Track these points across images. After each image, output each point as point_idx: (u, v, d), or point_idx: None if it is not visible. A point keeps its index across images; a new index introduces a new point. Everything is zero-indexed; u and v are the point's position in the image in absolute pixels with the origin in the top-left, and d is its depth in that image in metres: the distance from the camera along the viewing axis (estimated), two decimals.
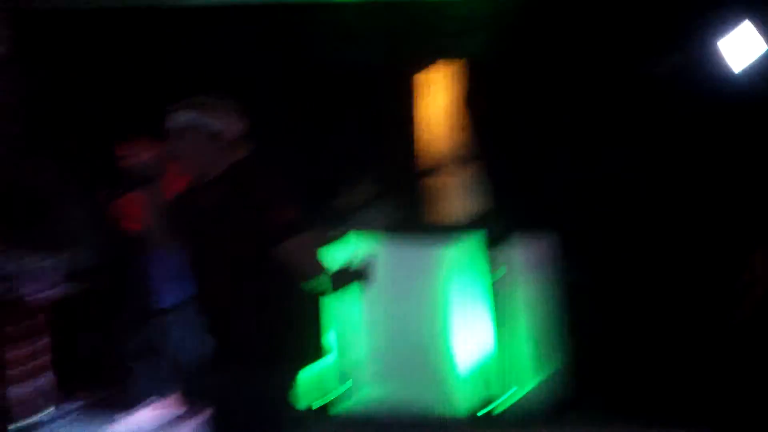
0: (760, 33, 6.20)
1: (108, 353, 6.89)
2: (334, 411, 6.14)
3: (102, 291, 6.46)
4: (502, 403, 6.08)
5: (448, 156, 7.04)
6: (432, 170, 7.02)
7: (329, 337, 6.20)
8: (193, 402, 5.78)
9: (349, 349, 6.18)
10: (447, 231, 6.46)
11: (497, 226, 6.27)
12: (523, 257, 6.28)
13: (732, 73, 6.28)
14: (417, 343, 6.14)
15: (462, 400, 6.06)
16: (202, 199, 3.47)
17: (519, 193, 6.75)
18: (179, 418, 5.76)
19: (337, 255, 6.00)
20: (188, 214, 3.50)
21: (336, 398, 6.15)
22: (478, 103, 7.07)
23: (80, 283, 5.96)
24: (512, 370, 6.13)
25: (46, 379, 5.52)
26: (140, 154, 3.51)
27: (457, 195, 6.97)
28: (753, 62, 6.22)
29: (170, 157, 3.44)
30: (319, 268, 3.42)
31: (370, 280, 3.57)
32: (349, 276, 3.51)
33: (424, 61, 7.29)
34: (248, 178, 3.42)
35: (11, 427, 5.17)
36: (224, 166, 3.43)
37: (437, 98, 7.25)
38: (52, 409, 5.52)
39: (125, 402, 6.02)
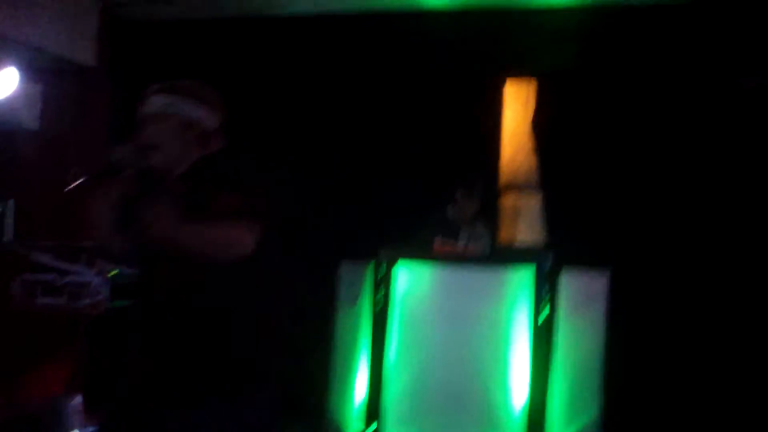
0: None
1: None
2: None
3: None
4: None
5: (512, 179, 6.88)
6: (494, 192, 6.88)
7: (361, 371, 6.21)
8: None
9: (387, 380, 6.11)
10: (500, 258, 6.29)
11: (552, 257, 6.05)
12: (576, 293, 6.05)
13: None
14: (465, 372, 6.04)
15: None
16: (167, 193, 3.13)
17: (578, 225, 6.54)
18: None
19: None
20: (149, 210, 3.08)
21: None
22: (549, 125, 6.87)
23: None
24: (556, 410, 5.93)
25: (76, 400, 5.70)
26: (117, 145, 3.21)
27: (515, 220, 6.81)
28: None
29: (142, 145, 3.13)
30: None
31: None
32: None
33: (500, 75, 7.15)
34: (218, 173, 3.09)
35: None
36: (194, 158, 3.14)
37: (510, 114, 7.09)
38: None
39: None
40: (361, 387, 6.21)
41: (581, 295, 6.06)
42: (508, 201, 7.14)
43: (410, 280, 6.23)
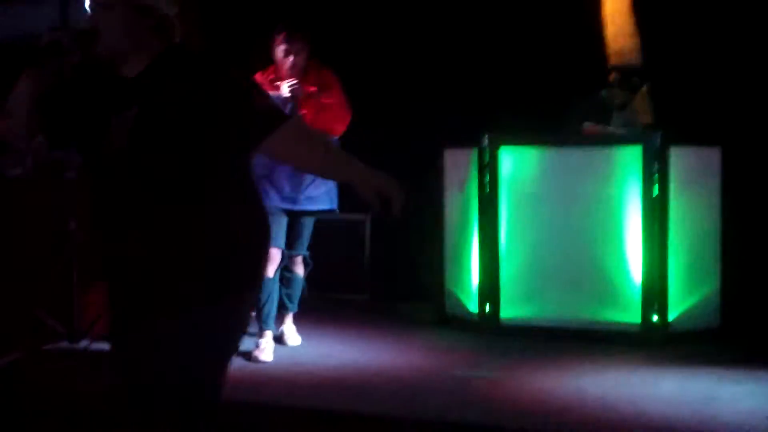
0: None
1: None
2: (500, 318, 6.12)
3: None
4: (665, 317, 5.89)
5: (619, 60, 6.75)
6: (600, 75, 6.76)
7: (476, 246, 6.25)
8: None
9: (501, 261, 6.16)
10: (610, 137, 6.24)
11: (661, 136, 5.99)
12: (686, 168, 6.01)
13: None
14: (579, 250, 6.06)
15: (626, 312, 5.93)
16: (124, 93, 2.73)
17: (685, 102, 6.45)
18: None
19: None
20: (103, 115, 2.72)
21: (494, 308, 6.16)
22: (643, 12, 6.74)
23: None
24: (675, 283, 5.93)
25: None
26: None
27: (621, 101, 6.71)
28: None
29: (86, 31, 2.70)
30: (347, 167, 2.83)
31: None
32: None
33: None
34: (189, 66, 2.73)
35: None
36: (154, 51, 2.73)
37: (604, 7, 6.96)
38: None
39: None
40: (475, 268, 6.28)
41: (692, 171, 6.03)
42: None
43: (516, 163, 6.23)
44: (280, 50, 5.64)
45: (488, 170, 6.21)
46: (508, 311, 6.15)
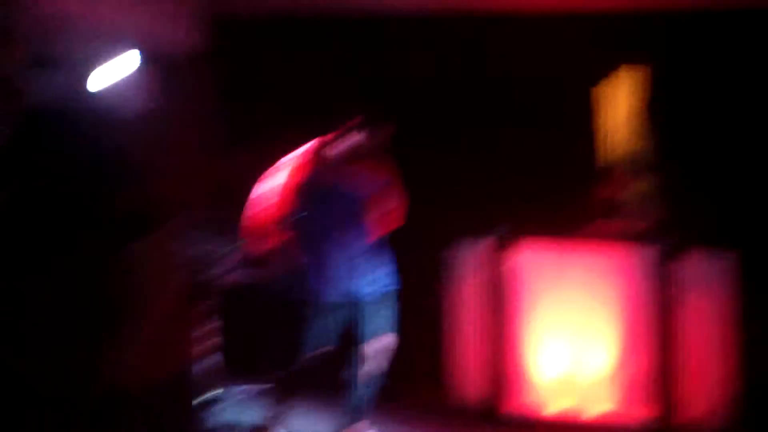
0: None
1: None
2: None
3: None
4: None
5: (629, 164, 6.85)
6: (611, 178, 6.84)
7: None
8: None
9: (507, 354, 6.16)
10: (621, 241, 6.29)
11: (674, 238, 6.05)
12: (700, 272, 6.05)
13: None
14: (586, 353, 6.10)
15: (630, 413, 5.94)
16: None
17: (699, 205, 6.51)
18: None
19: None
20: None
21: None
22: (658, 111, 6.87)
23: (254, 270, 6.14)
24: (682, 389, 5.93)
25: (216, 360, 5.75)
26: None
27: (634, 204, 6.80)
28: None
29: None
30: None
31: None
32: None
33: (605, 71, 7.15)
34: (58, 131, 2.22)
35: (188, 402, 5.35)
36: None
37: (619, 107, 7.09)
38: (220, 390, 5.71)
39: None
40: (480, 361, 6.27)
41: (706, 275, 6.06)
42: (611, 191, 7.10)
43: (528, 257, 6.26)
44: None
45: (499, 262, 6.25)
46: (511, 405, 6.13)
